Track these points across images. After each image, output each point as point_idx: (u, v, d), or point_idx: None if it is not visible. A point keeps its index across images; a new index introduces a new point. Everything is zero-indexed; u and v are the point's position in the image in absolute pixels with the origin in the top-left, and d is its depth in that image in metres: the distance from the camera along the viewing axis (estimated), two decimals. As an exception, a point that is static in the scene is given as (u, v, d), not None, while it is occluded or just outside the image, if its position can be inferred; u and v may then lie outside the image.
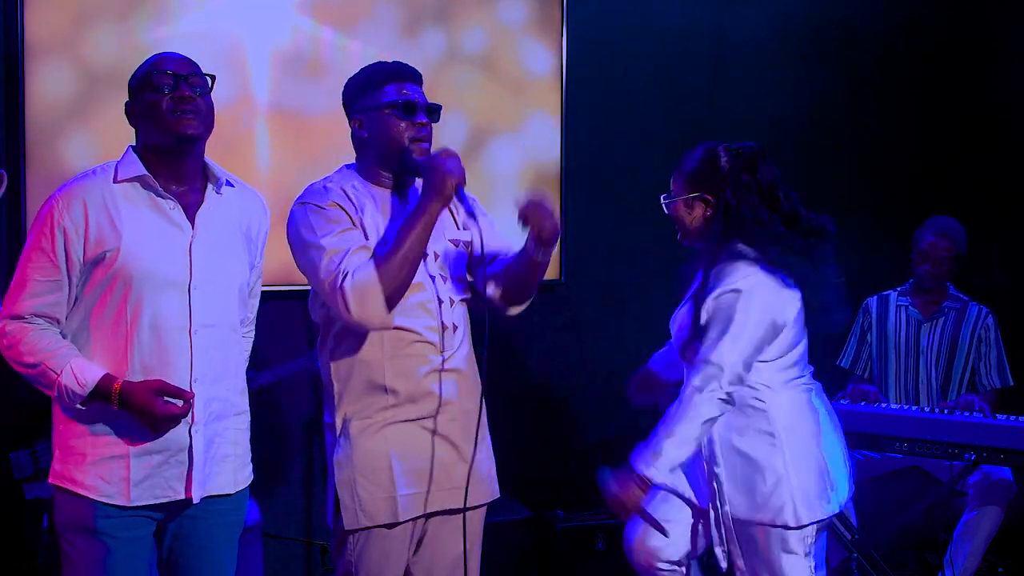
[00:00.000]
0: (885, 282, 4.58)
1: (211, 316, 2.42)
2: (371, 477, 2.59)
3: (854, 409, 3.87)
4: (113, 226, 2.34)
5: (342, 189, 2.62)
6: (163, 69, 2.42)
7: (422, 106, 2.63)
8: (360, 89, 2.67)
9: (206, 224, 2.44)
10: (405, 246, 2.48)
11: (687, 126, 4.84)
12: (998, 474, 4.03)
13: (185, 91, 2.41)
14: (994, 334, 4.30)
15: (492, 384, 2.68)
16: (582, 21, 4.61)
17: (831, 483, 2.81)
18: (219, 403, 2.46)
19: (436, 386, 2.64)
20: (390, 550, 2.62)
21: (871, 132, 5.21)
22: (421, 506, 2.63)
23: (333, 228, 2.52)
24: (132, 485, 2.36)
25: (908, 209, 4.59)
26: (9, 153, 3.80)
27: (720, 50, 4.92)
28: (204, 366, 2.41)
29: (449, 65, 4.41)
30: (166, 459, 2.39)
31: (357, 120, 2.66)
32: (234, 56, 4.03)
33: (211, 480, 2.46)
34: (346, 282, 2.44)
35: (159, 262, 2.36)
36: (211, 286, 2.42)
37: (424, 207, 2.51)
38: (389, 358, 2.60)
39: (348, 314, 2.45)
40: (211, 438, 2.45)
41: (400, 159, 2.63)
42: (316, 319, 2.70)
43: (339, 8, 4.20)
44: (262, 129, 4.04)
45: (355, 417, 2.61)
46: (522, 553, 4.14)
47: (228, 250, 2.48)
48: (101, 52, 3.86)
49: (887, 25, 5.18)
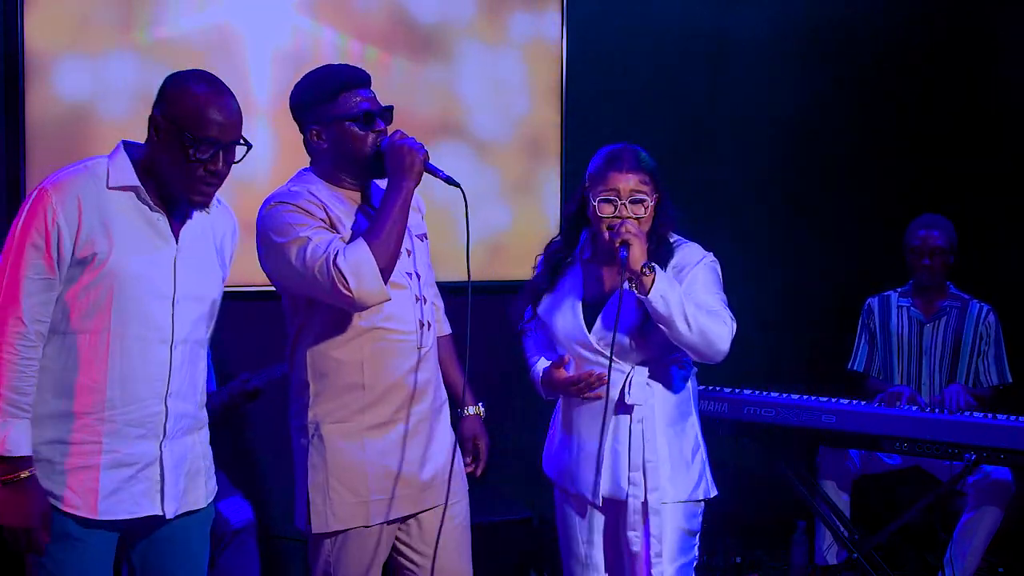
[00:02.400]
0: (884, 282, 4.59)
1: (187, 331, 2.40)
2: (345, 482, 2.62)
3: (854, 409, 3.87)
4: (106, 230, 2.29)
5: (308, 191, 2.61)
6: (208, 135, 2.29)
7: (379, 112, 2.64)
8: (312, 100, 2.64)
9: (189, 240, 2.42)
10: (389, 222, 2.50)
11: (687, 126, 4.85)
12: (997, 474, 4.04)
13: (219, 166, 2.32)
14: (995, 331, 4.31)
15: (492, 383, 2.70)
16: (582, 21, 4.61)
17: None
18: (188, 419, 2.44)
19: (412, 383, 2.66)
20: (367, 549, 2.66)
21: (871, 132, 5.21)
22: (396, 510, 2.67)
23: (310, 223, 2.53)
24: (100, 498, 2.30)
25: (908, 209, 4.58)
26: (9, 154, 3.80)
27: (720, 50, 4.92)
28: (178, 381, 2.39)
29: (449, 65, 4.40)
30: (135, 473, 2.34)
31: (313, 131, 2.64)
32: (234, 56, 4.03)
33: (186, 495, 2.44)
34: (339, 259, 2.43)
35: (147, 273, 2.33)
36: (191, 302, 2.40)
37: (399, 186, 2.54)
38: (369, 356, 2.62)
39: (347, 291, 2.44)
40: (183, 453, 2.43)
41: (363, 164, 2.64)
42: (291, 326, 2.68)
43: (339, 8, 4.20)
44: (262, 129, 4.04)
45: (329, 419, 2.63)
46: (522, 553, 4.14)
47: (206, 267, 2.46)
48: (101, 52, 3.86)
49: (886, 25, 5.18)
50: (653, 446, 2.83)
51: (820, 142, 5.13)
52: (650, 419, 2.83)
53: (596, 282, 2.91)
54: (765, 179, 5.04)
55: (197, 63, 3.91)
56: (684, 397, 2.92)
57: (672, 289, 2.69)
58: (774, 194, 5.07)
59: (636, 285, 2.70)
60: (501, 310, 3.13)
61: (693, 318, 2.69)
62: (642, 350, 2.83)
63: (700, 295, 2.78)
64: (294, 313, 2.67)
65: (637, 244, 2.70)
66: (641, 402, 2.83)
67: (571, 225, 2.96)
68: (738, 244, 4.89)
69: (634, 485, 2.83)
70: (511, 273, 4.37)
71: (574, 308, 2.88)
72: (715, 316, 2.75)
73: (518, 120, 4.55)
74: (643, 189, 2.80)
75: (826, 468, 4.28)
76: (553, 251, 2.98)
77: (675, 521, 2.84)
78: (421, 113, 4.33)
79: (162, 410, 2.36)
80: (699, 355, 2.78)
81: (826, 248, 5.15)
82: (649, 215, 2.81)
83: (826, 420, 3.84)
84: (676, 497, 2.84)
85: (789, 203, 5.10)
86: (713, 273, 2.86)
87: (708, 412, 3.97)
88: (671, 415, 2.88)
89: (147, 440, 2.35)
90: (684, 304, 2.69)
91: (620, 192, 2.78)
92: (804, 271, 5.11)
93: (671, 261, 2.83)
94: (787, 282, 5.08)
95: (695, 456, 2.91)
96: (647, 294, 2.67)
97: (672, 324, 2.68)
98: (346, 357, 2.61)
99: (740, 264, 4.93)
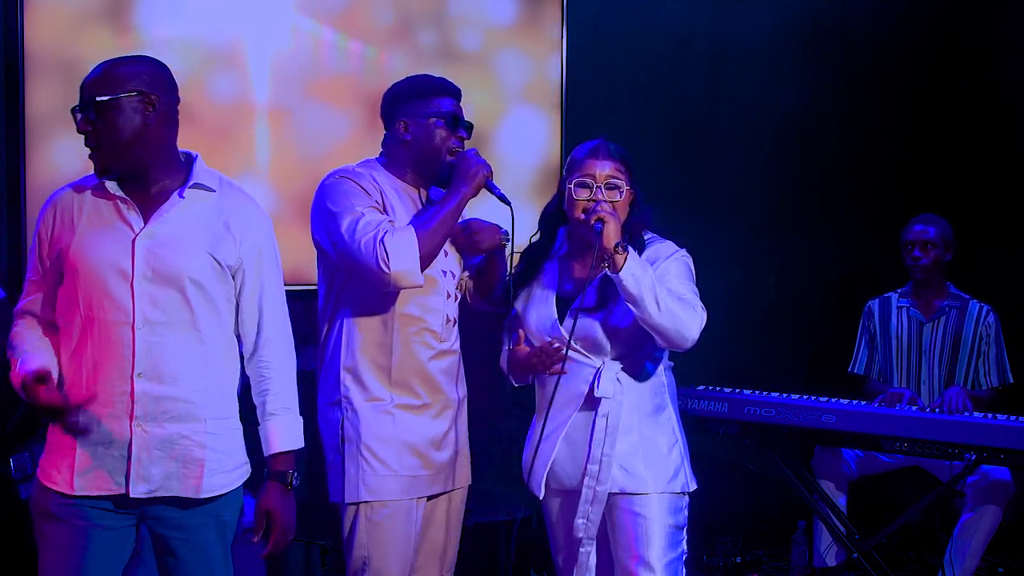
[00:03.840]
0: (884, 282, 4.59)
1: (159, 313, 2.42)
2: (378, 454, 2.80)
3: (854, 409, 3.87)
4: (71, 225, 2.45)
5: (372, 176, 2.85)
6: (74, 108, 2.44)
7: (464, 123, 2.95)
8: (410, 95, 2.93)
9: (163, 223, 2.44)
10: (440, 218, 2.76)
11: (687, 126, 4.85)
12: (996, 474, 4.04)
13: (81, 126, 2.43)
14: (995, 332, 4.31)
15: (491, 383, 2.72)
16: (582, 22, 4.61)
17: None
18: (178, 404, 2.44)
19: (436, 373, 2.89)
20: (399, 523, 2.81)
21: (870, 132, 5.21)
22: (423, 487, 2.85)
23: (367, 200, 2.78)
24: (76, 474, 2.41)
25: (907, 209, 4.59)
26: (9, 154, 3.80)
27: (720, 50, 4.92)
28: (150, 363, 2.41)
29: (448, 65, 4.40)
30: (108, 451, 2.41)
31: (403, 123, 2.91)
32: (234, 56, 4.03)
33: (169, 480, 2.44)
34: (387, 238, 2.66)
35: (101, 254, 2.41)
36: (157, 282, 2.41)
37: (458, 190, 2.81)
38: (398, 342, 2.82)
39: (386, 266, 2.65)
40: (166, 438, 2.43)
41: (434, 165, 2.91)
42: (326, 302, 2.87)
43: (339, 8, 4.20)
44: (262, 129, 4.04)
45: (361, 396, 2.82)
46: (522, 553, 4.14)
47: (183, 246, 2.45)
48: (101, 53, 3.85)
49: (886, 25, 5.19)
50: (614, 440, 2.86)
51: (820, 142, 5.13)
52: (616, 413, 2.86)
53: (571, 277, 2.96)
54: (765, 179, 5.05)
55: (197, 63, 3.96)
56: (658, 391, 2.95)
57: (644, 270, 2.74)
58: (774, 194, 5.07)
59: (608, 264, 2.75)
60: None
61: (663, 300, 2.73)
62: (615, 344, 2.87)
63: (672, 283, 2.83)
64: (329, 293, 2.87)
65: (612, 222, 2.76)
66: (609, 395, 2.86)
67: (550, 222, 3.02)
68: (738, 244, 4.91)
69: (589, 476, 2.87)
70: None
71: (547, 301, 2.94)
72: (685, 303, 2.80)
73: (518, 120, 4.55)
74: (619, 176, 2.87)
75: (821, 470, 4.28)
76: (533, 246, 3.04)
77: (661, 517, 2.86)
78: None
79: (128, 390, 2.40)
80: (667, 341, 2.80)
81: (826, 248, 5.15)
82: (624, 204, 2.87)
83: (826, 420, 3.84)
84: (655, 488, 2.86)
85: (789, 203, 5.10)
86: (685, 267, 2.92)
87: (708, 412, 3.98)
88: (644, 409, 2.91)
89: (117, 419, 2.40)
90: (655, 286, 2.73)
91: (596, 177, 2.86)
92: (804, 271, 5.12)
93: (644, 254, 2.88)
94: (787, 282, 5.09)
95: (672, 449, 2.93)
96: (618, 272, 2.72)
97: (641, 304, 2.72)
98: (378, 339, 2.82)
99: (740, 264, 4.98)
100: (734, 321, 4.52)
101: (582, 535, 2.90)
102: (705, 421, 4.00)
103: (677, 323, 2.75)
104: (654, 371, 2.94)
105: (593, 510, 2.88)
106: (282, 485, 2.55)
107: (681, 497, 2.92)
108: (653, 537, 2.85)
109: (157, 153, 2.45)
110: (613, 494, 2.88)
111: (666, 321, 2.74)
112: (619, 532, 2.89)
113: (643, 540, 2.85)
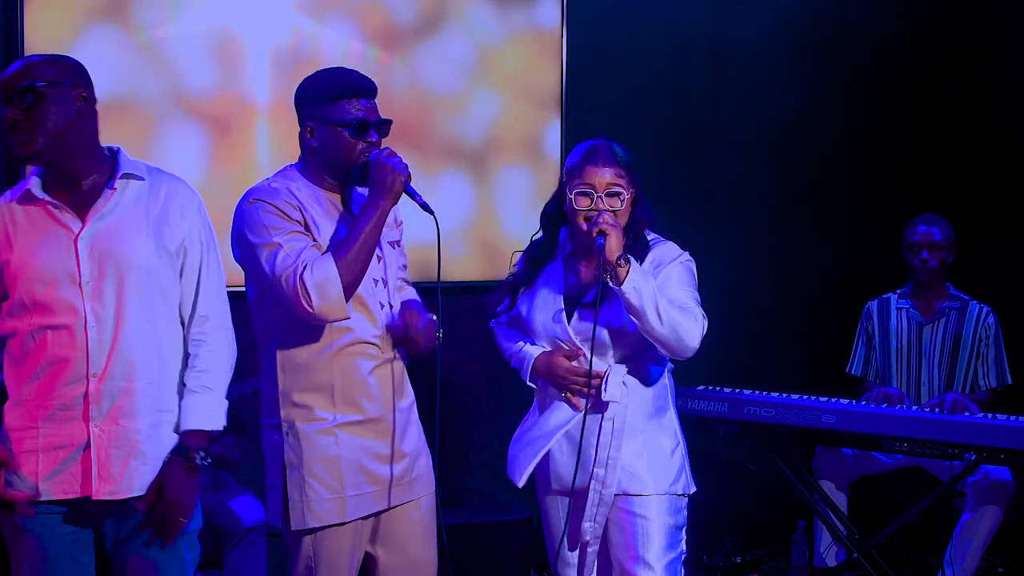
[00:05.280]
0: (885, 282, 4.59)
1: (110, 310, 2.42)
2: (321, 478, 2.65)
3: (854, 409, 3.87)
4: (7, 241, 2.44)
5: (288, 189, 2.66)
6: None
7: (374, 124, 2.69)
8: (315, 98, 2.70)
9: (101, 218, 2.45)
10: (359, 240, 2.57)
11: (687, 126, 4.85)
12: (996, 474, 4.03)
13: (9, 114, 2.40)
14: (994, 333, 4.30)
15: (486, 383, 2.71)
16: (582, 22, 4.61)
17: None
18: (134, 400, 2.44)
19: (380, 383, 2.72)
20: (344, 544, 2.69)
21: (870, 131, 5.21)
22: (370, 505, 2.71)
23: (285, 227, 2.59)
24: (40, 480, 2.42)
25: (908, 209, 4.59)
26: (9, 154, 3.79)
27: (720, 50, 4.92)
28: (104, 361, 2.41)
29: (448, 65, 4.40)
30: (71, 454, 2.42)
31: (308, 127, 2.70)
32: (234, 56, 4.03)
33: (133, 479, 2.44)
34: (306, 274, 2.50)
35: (45, 261, 2.41)
36: (108, 279, 2.42)
37: (376, 204, 2.60)
38: (337, 357, 2.66)
39: (309, 306, 2.51)
40: (123, 435, 2.43)
41: (345, 172, 2.70)
42: (258, 321, 2.72)
43: (339, 8, 4.20)
44: (262, 129, 4.04)
45: (302, 416, 2.66)
46: (520, 553, 4.14)
47: (128, 241, 2.45)
48: (101, 53, 3.85)
49: (886, 25, 5.18)
50: (620, 443, 2.86)
51: (820, 142, 5.13)
52: (621, 417, 2.86)
53: (575, 277, 2.95)
54: (765, 179, 5.04)
55: (197, 63, 3.97)
56: (661, 393, 2.95)
57: (645, 282, 2.73)
58: (774, 194, 5.07)
59: (611, 276, 2.74)
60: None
61: (665, 312, 2.73)
62: (620, 347, 2.87)
63: (674, 291, 2.82)
64: (259, 313, 2.71)
65: (614, 235, 2.74)
66: (617, 399, 2.86)
67: (551, 222, 3.00)
68: (738, 244, 4.91)
69: (596, 480, 2.86)
70: (508, 273, 4.38)
71: (554, 302, 2.92)
72: (687, 312, 2.79)
73: (518, 120, 4.55)
74: (619, 183, 2.84)
75: (822, 469, 4.28)
76: (535, 247, 3.02)
77: (660, 517, 2.87)
78: (421, 113, 4.33)
79: (83, 392, 2.41)
80: (669, 350, 2.81)
81: (826, 248, 5.15)
82: (625, 209, 2.85)
83: (826, 420, 3.84)
84: (656, 489, 2.86)
85: (789, 203, 5.10)
86: (688, 272, 2.91)
87: (708, 412, 3.97)
88: (648, 411, 2.91)
89: (76, 422, 2.41)
90: (657, 297, 2.73)
91: (596, 185, 2.83)
92: (804, 271, 5.12)
93: (648, 257, 2.88)
94: (787, 282, 5.09)
95: (674, 451, 2.93)
96: (621, 284, 2.71)
97: (644, 316, 2.72)
98: (315, 358, 2.65)
99: (740, 264, 4.98)
100: (734, 321, 4.52)
101: (588, 537, 2.90)
102: (705, 421, 3.99)
103: (679, 333, 2.75)
104: (658, 374, 2.94)
105: (599, 512, 2.88)
106: (183, 460, 2.46)
107: (681, 498, 2.93)
108: (652, 537, 2.86)
109: (86, 144, 2.46)
110: (615, 495, 2.88)
111: (668, 332, 2.74)
112: (619, 532, 2.89)
113: (642, 540, 2.86)
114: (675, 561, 2.89)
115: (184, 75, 3.96)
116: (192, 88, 3.97)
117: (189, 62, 3.95)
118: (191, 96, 3.96)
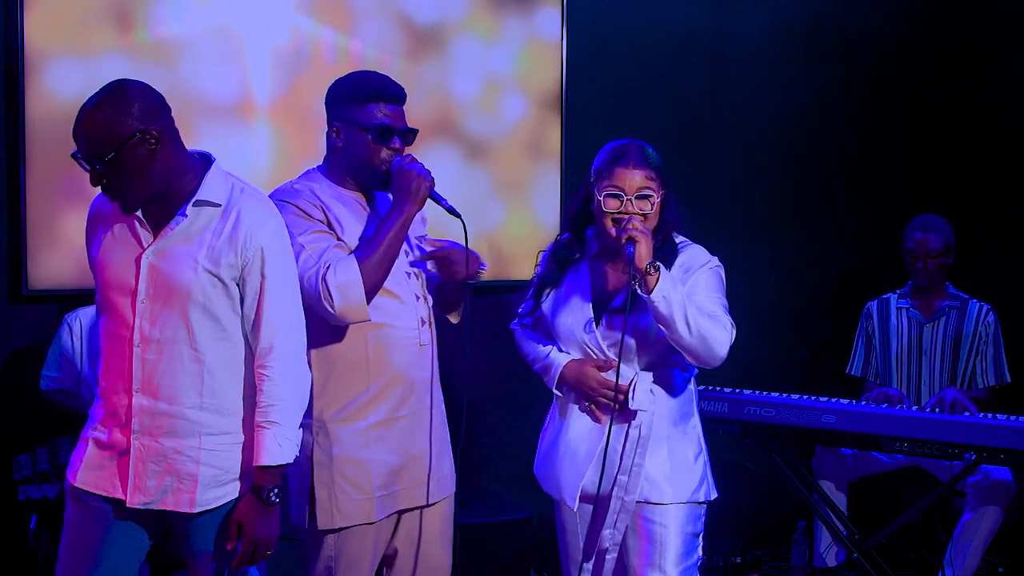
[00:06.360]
0: (884, 282, 4.59)
1: (156, 331, 2.43)
2: (350, 478, 2.66)
3: (854, 409, 3.87)
4: (97, 239, 2.52)
5: (311, 191, 2.69)
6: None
7: (399, 131, 2.72)
8: (344, 98, 2.73)
9: (167, 241, 2.43)
10: (384, 244, 2.60)
11: (687, 126, 4.85)
12: (997, 474, 4.03)
13: (93, 178, 2.41)
14: (994, 331, 4.30)
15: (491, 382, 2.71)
16: (582, 22, 4.61)
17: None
18: (175, 421, 2.44)
19: (413, 379, 2.74)
20: (367, 545, 2.71)
21: (871, 132, 5.21)
22: (397, 504, 2.73)
23: (308, 227, 2.62)
24: (82, 467, 2.51)
25: (908, 209, 4.58)
26: (9, 154, 3.80)
27: (720, 50, 4.92)
28: (146, 379, 2.43)
29: (448, 65, 4.40)
30: (113, 456, 2.48)
31: (335, 128, 2.74)
32: (234, 56, 4.03)
33: (165, 494, 2.45)
34: (328, 275, 2.53)
35: (114, 273, 2.47)
36: (161, 301, 2.42)
37: (402, 209, 2.64)
38: (371, 352, 2.67)
39: (331, 307, 2.54)
40: (160, 452, 2.44)
41: (368, 176, 2.73)
42: None
43: (339, 8, 4.20)
44: (262, 129, 4.04)
45: (334, 415, 2.67)
46: (521, 553, 4.14)
47: (183, 269, 2.42)
48: (101, 52, 3.86)
49: (886, 24, 5.18)
50: (645, 452, 2.81)
51: (820, 142, 5.13)
52: (648, 424, 2.82)
53: (602, 279, 2.89)
54: (765, 179, 5.04)
55: (197, 63, 3.97)
56: (686, 400, 2.91)
57: (675, 290, 2.67)
58: (774, 194, 5.07)
59: (640, 283, 2.67)
60: (503, 309, 3.14)
61: (694, 320, 2.67)
62: (647, 354, 2.82)
63: (702, 298, 2.76)
64: None
65: (644, 242, 2.67)
66: (645, 408, 2.80)
67: (576, 221, 2.93)
68: (738, 244, 4.90)
69: (619, 487, 2.81)
70: (511, 273, 4.38)
71: (581, 307, 2.86)
72: (716, 320, 2.73)
73: (518, 120, 4.55)
74: (650, 185, 2.77)
75: (822, 469, 4.28)
76: (561, 247, 2.96)
77: (679, 524, 2.83)
78: (420, 113, 4.32)
79: (127, 403, 2.45)
80: (697, 359, 2.76)
81: (826, 248, 5.15)
82: (655, 212, 2.79)
83: (826, 420, 3.84)
84: (677, 498, 2.82)
85: (789, 203, 5.10)
86: (717, 278, 2.85)
87: (708, 412, 3.97)
88: (673, 418, 2.87)
89: (120, 429, 2.47)
90: (686, 306, 2.67)
91: (626, 188, 2.76)
92: (804, 271, 5.12)
93: (677, 261, 2.82)
94: (787, 282, 5.09)
95: (697, 459, 2.90)
96: (650, 293, 2.66)
97: (672, 325, 2.67)
98: (349, 353, 2.67)
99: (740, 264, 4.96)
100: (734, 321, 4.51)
101: (607, 544, 2.85)
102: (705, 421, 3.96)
103: (707, 342, 2.70)
104: (685, 380, 2.91)
105: (620, 520, 2.83)
106: (257, 499, 2.46)
107: (701, 506, 2.89)
108: (669, 545, 2.82)
109: (172, 168, 2.42)
110: (636, 502, 2.83)
111: (696, 341, 2.69)
112: (636, 539, 2.85)
113: (659, 548, 2.82)
114: (691, 568, 2.86)
115: (184, 75, 3.96)
116: (192, 88, 3.98)
117: (189, 62, 3.96)
118: (191, 96, 3.96)
